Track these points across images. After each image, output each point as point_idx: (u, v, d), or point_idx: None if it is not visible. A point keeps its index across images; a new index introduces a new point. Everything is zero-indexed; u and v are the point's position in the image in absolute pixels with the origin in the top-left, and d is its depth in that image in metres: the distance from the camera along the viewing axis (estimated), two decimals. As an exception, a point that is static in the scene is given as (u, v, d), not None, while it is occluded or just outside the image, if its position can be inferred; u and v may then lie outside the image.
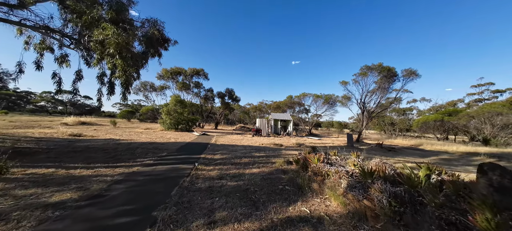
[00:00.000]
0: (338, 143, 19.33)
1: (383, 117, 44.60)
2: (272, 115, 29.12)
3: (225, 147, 11.73)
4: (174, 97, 22.91)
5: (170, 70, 28.16)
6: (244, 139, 17.53)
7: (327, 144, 17.33)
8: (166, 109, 22.30)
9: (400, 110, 51.72)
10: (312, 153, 6.75)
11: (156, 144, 11.36)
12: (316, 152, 7.06)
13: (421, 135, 48.94)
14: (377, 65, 19.60)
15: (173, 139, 14.73)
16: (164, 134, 18.71)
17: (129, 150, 8.92)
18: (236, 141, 15.80)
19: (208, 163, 7.02)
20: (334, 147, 15.53)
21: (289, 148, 13.09)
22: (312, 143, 18.15)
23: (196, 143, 13.24)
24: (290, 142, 16.92)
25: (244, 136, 20.82)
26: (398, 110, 52.49)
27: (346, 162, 5.80)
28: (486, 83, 51.99)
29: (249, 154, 9.30)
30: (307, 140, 19.90)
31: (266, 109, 53.94)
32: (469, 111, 34.64)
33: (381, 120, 59.04)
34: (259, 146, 12.89)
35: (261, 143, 14.93)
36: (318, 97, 29.88)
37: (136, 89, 28.12)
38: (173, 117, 22.76)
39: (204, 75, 31.21)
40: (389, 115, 55.44)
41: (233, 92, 34.19)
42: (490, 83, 51.66)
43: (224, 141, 15.39)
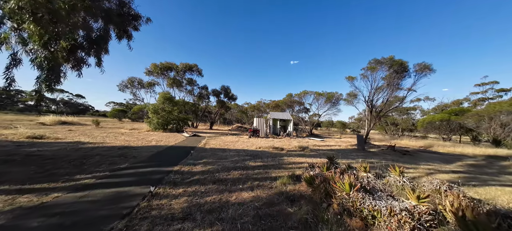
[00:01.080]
0: (344, 145, 17.25)
1: (386, 117, 42.75)
2: (271, 114, 26.99)
3: (213, 152, 9.55)
4: (163, 94, 20.66)
5: (159, 65, 25.86)
6: (239, 141, 15.36)
7: (333, 147, 15.24)
8: (153, 107, 20.04)
9: (404, 110, 49.86)
10: (332, 167, 4.60)
11: (127, 149, 9.15)
12: (335, 166, 4.91)
13: (424, 135, 47.30)
14: (387, 58, 17.56)
15: (155, 142, 12.51)
16: (148, 135, 16.46)
17: (81, 159, 6.71)
18: (229, 143, 13.62)
19: (179, 182, 4.84)
20: (343, 151, 13.45)
21: (291, 152, 10.95)
22: (316, 145, 16.06)
23: (180, 147, 11.04)
24: (291, 144, 14.79)
25: (240, 137, 18.65)
26: (401, 110, 50.69)
27: (390, 183, 3.66)
28: (490, 82, 50.19)
29: (242, 164, 7.14)
30: (309, 142, 17.79)
31: (264, 108, 51.80)
32: (478, 110, 32.82)
33: (383, 120, 57.36)
34: (255, 151, 10.73)
35: (258, 146, 12.78)
36: (320, 95, 27.81)
37: (122, 86, 25.80)
38: (161, 116, 20.49)
39: (197, 71, 28.95)
40: (391, 115, 53.70)
41: (229, 90, 31.96)
42: (494, 82, 49.94)
43: (215, 143, 13.20)
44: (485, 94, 50.45)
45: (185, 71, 27.91)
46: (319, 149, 13.58)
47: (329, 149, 13.80)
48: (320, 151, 12.23)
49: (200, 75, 29.48)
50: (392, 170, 4.39)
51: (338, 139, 25.48)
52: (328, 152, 12.15)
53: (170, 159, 7.32)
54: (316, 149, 13.07)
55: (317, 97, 28.12)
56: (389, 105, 20.89)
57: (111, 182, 4.62)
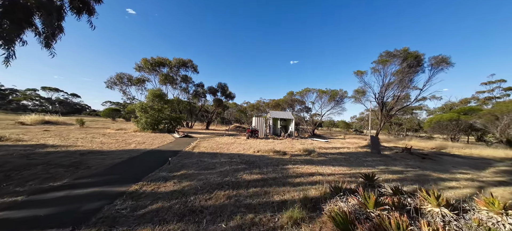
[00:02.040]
0: (353, 147, 15.40)
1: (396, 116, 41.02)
2: (271, 113, 25.13)
3: (200, 159, 7.68)
4: (152, 91, 18.77)
5: (151, 60, 23.96)
6: (235, 143, 13.50)
7: (342, 150, 13.39)
8: (140, 105, 18.16)
9: (409, 109, 48.08)
10: (372, 191, 2.74)
11: (90, 156, 7.28)
12: (378, 190, 3.05)
13: (430, 135, 45.59)
14: (401, 51, 15.74)
15: (135, 145, 10.64)
16: (132, 136, 14.59)
17: (13, 171, 4.85)
18: (223, 146, 11.76)
19: (121, 218, 2.98)
20: (354, 155, 11.60)
21: (296, 157, 9.11)
22: (322, 147, 14.21)
23: (161, 151, 9.17)
24: (294, 147, 12.94)
25: (237, 139, 16.80)
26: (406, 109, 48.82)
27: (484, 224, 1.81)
28: (497, 80, 48.46)
29: (233, 177, 5.28)
30: (314, 144, 15.94)
31: (264, 107, 49.97)
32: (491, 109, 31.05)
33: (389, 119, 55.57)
34: (252, 157, 8.87)
35: (256, 149, 10.92)
36: (323, 92, 25.96)
37: (110, 82, 23.87)
38: (150, 115, 18.61)
39: (192, 67, 27.05)
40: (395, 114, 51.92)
41: (226, 87, 30.08)
42: (501, 80, 48.23)
43: (206, 146, 11.33)
44: (492, 93, 48.69)
45: (179, 67, 26.01)
46: (327, 152, 11.73)
47: (339, 153, 11.95)
48: (329, 156, 10.39)
49: (195, 72, 27.60)
50: (480, 201, 2.56)
51: (343, 140, 23.66)
52: (338, 156, 10.31)
53: (136, 171, 5.45)
54: (324, 153, 11.23)
55: (320, 95, 26.28)
56: (400, 103, 19.06)
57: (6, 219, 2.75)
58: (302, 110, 37.42)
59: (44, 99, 75.27)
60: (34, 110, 71.60)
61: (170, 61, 24.93)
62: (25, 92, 70.58)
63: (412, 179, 6.38)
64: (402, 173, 7.23)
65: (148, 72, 25.25)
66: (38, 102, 74.86)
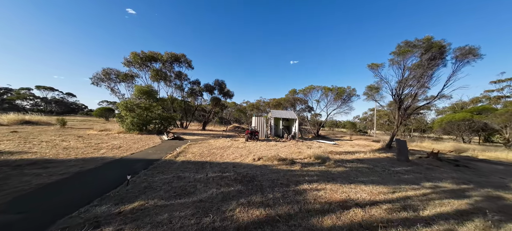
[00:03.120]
0: (368, 150, 13.28)
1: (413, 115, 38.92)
2: (272, 112, 23.03)
3: (178, 174, 5.56)
4: (139, 87, 16.66)
5: (141, 54, 21.84)
6: (231, 147, 11.38)
7: (359, 155, 11.26)
8: (124, 103, 16.04)
9: (425, 108, 46.04)
10: None
11: (31, 167, 5.18)
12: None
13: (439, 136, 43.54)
14: (423, 40, 13.67)
15: (105, 151, 8.53)
16: (112, 139, 12.48)
17: None
18: (215, 152, 9.64)
19: None
20: (377, 162, 9.49)
21: (309, 168, 7.01)
22: (333, 152, 12.11)
23: (133, 160, 7.06)
24: (302, 152, 10.82)
25: (235, 141, 14.70)
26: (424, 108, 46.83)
27: None
28: (507, 78, 46.28)
29: (217, 218, 3.17)
30: (323, 147, 13.82)
31: (264, 107, 47.90)
32: (510, 108, 28.96)
33: (384, 119, 53.39)
34: (251, 167, 6.77)
35: (257, 156, 8.82)
36: (329, 90, 23.84)
37: (96, 78, 21.73)
38: (137, 115, 16.49)
39: (186, 62, 24.92)
40: (392, 111, 49.70)
41: (223, 85, 27.95)
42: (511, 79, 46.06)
43: (194, 153, 9.21)
44: (501, 91, 46.56)
45: (171, 62, 23.90)
46: (344, 160, 9.63)
47: (357, 160, 9.85)
48: (348, 165, 8.28)
49: (190, 67, 25.47)
50: None
51: (351, 142, 21.58)
52: (360, 166, 8.19)
53: (59, 202, 3.34)
54: (340, 161, 9.12)
55: (325, 93, 24.14)
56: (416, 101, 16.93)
57: None
58: (304, 110, 35.35)
59: (41, 98, 73.25)
60: (30, 110, 69.59)
61: (162, 55, 22.81)
62: (19, 92, 68.55)
63: (490, 208, 4.26)
64: (462, 195, 5.12)
65: (139, 67, 23.13)
66: (32, 102, 72.86)
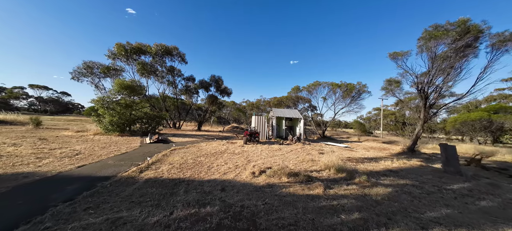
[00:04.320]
0: (389, 156, 10.91)
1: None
2: (274, 111, 20.68)
3: (118, 213, 3.19)
4: (119, 81, 14.28)
5: (127, 45, 19.44)
6: (225, 153, 9.01)
7: (386, 164, 8.89)
8: (100, 100, 13.66)
9: (414, 109, 43.69)
10: None
11: None
12: None
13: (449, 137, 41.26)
14: (459, 22, 11.35)
15: (53, 159, 6.17)
16: (81, 142, 10.14)
17: None
18: (203, 161, 7.27)
19: None
20: (417, 173, 7.13)
21: (335, 189, 4.67)
22: (352, 159, 9.76)
23: (71, 178, 4.69)
24: (316, 160, 8.46)
25: (231, 144, 12.34)
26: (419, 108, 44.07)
27: None
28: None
29: None
30: (337, 152, 11.44)
31: (264, 106, 45.56)
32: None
33: (390, 119, 51.04)
34: (249, 190, 4.43)
35: (257, 166, 6.46)
36: (337, 86, 21.47)
37: (77, 73, 19.35)
38: (118, 113, 14.11)
39: (179, 56, 22.52)
40: (400, 111, 47.42)
41: (220, 81, 25.55)
42: (523, 76, 43.54)
43: (173, 163, 6.83)
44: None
45: (162, 55, 21.51)
46: (373, 171, 7.27)
47: (388, 170, 7.49)
48: (385, 180, 5.93)
49: (183, 62, 23.09)
50: None
51: (362, 144, 19.25)
52: (402, 182, 5.83)
53: None
54: (371, 174, 6.76)
55: (333, 89, 21.74)
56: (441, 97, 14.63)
57: None
58: (306, 109, 33.00)
59: (36, 98, 70.88)
60: (25, 110, 67.04)
61: (151, 47, 20.42)
62: (12, 90, 66.14)
63: None
64: None
65: (126, 61, 20.73)
66: (28, 101, 70.51)
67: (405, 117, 42.30)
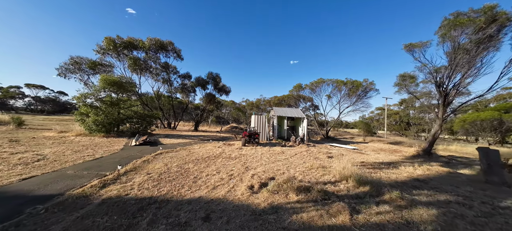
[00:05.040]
0: (404, 158, 9.57)
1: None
2: (275, 110, 19.36)
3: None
4: (105, 77, 12.94)
5: (117, 39, 18.10)
6: (219, 159, 7.68)
7: (409, 170, 7.56)
8: (82, 97, 12.33)
9: (431, 107, 42.04)
10: None
11: None
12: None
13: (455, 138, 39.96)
14: (485, 8, 10.03)
15: (6, 167, 4.84)
16: (57, 144, 8.80)
17: None
18: (190, 170, 5.94)
19: None
20: (443, 180, 5.81)
21: (364, 213, 3.36)
22: (367, 164, 8.45)
23: (4, 197, 3.37)
24: (328, 167, 7.13)
25: (227, 146, 11.03)
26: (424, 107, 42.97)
27: None
28: (526, 75, 41.86)
29: None
30: (347, 155, 10.12)
31: (264, 106, 44.25)
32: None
33: (393, 118, 49.68)
34: (243, 212, 3.09)
35: (257, 177, 5.17)
36: (342, 84, 20.14)
37: (63, 69, 18.02)
38: (104, 112, 12.78)
39: (174, 51, 21.18)
40: (404, 110, 46.12)
41: (218, 78, 24.21)
42: (531, 75, 41.71)
43: (152, 172, 5.50)
44: (521, 89, 42.79)
45: (156, 51, 20.18)
46: (398, 181, 5.97)
47: (415, 180, 6.17)
48: (419, 196, 4.61)
49: (179, 58, 21.74)
50: None
51: (368, 145, 17.94)
52: (447, 201, 4.50)
53: None
54: (396, 185, 5.45)
55: (338, 87, 20.39)
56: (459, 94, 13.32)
57: None
58: (307, 108, 31.68)
59: (33, 97, 69.59)
60: (22, 109, 65.73)
61: (143, 42, 19.09)
62: (8, 90, 64.85)
63: None
64: None
65: (117, 57, 19.40)
66: (26, 101, 69.22)
67: (409, 117, 41.02)
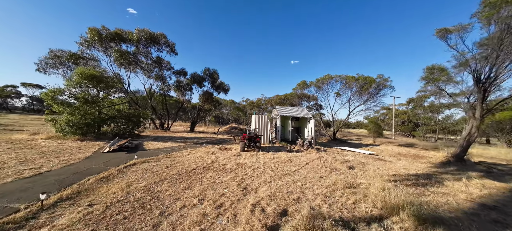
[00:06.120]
0: (431, 168, 7.61)
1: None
2: (278, 109, 17.45)
3: None
4: (81, 69, 11.05)
5: (102, 29, 16.21)
6: (209, 172, 5.78)
7: (464, 192, 5.61)
8: (51, 92, 10.44)
9: (440, 107, 39.88)
10: None
11: None
12: None
13: (467, 138, 37.76)
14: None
15: None
16: (12, 151, 6.93)
17: None
18: (161, 192, 4.02)
19: None
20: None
21: None
22: (398, 175, 6.50)
23: None
24: (358, 185, 5.20)
25: (223, 152, 9.13)
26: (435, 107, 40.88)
27: None
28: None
29: None
30: (368, 163, 8.19)
31: (265, 105, 42.32)
32: None
33: (400, 119, 47.59)
34: None
35: (259, 211, 3.27)
36: (353, 80, 18.17)
37: (43, 64, 16.18)
38: (79, 110, 10.90)
39: (167, 45, 19.27)
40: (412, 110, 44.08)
41: (215, 75, 22.28)
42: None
43: (97, 203, 3.58)
44: (533, 88, 40.41)
45: (147, 44, 18.28)
46: (466, 210, 4.03)
47: (482, 204, 4.25)
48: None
49: (173, 53, 19.83)
50: None
51: (381, 148, 15.99)
52: None
53: None
54: (470, 219, 3.52)
55: (348, 83, 18.38)
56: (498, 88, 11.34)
57: None
58: (311, 108, 29.72)
59: (30, 96, 68.04)
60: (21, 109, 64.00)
61: (132, 34, 17.18)
62: (4, 89, 63.29)
63: None
64: None
65: (104, 51, 17.51)
66: (18, 99, 67.72)
67: (419, 117, 38.96)
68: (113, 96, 15.04)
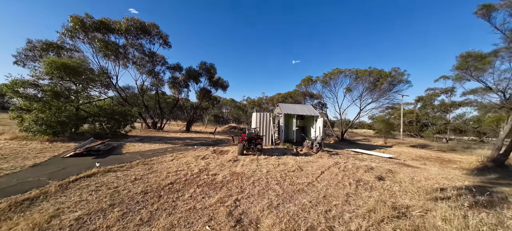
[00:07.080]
0: (466, 178, 5.99)
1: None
2: (282, 107, 15.78)
3: None
4: (52, 59, 9.45)
5: (86, 18, 14.59)
6: (191, 190, 4.11)
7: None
8: (12, 85, 8.85)
9: (451, 105, 37.99)
10: None
11: None
12: None
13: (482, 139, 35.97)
14: None
15: None
16: None
17: None
18: (109, 224, 2.36)
19: None
20: None
21: None
22: (445, 188, 4.81)
23: None
24: (406, 210, 3.49)
25: (217, 156, 7.48)
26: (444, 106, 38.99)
27: None
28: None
29: None
30: (396, 171, 6.51)
31: (266, 104, 40.62)
32: None
33: (407, 118, 45.64)
34: None
35: None
36: (366, 73, 16.41)
37: (22, 57, 14.59)
38: (49, 106, 9.30)
39: (159, 36, 17.62)
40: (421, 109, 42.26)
41: (213, 70, 20.60)
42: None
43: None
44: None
45: (137, 35, 16.64)
46: None
47: None
48: None
49: (166, 45, 18.18)
50: None
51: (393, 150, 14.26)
52: None
53: None
54: None
55: (361, 77, 16.50)
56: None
57: None
58: (315, 107, 27.99)
59: None
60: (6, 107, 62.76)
61: (120, 23, 15.54)
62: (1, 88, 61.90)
63: None
64: None
65: (89, 42, 15.87)
66: None
67: (428, 116, 37.03)
68: (96, 91, 13.42)
